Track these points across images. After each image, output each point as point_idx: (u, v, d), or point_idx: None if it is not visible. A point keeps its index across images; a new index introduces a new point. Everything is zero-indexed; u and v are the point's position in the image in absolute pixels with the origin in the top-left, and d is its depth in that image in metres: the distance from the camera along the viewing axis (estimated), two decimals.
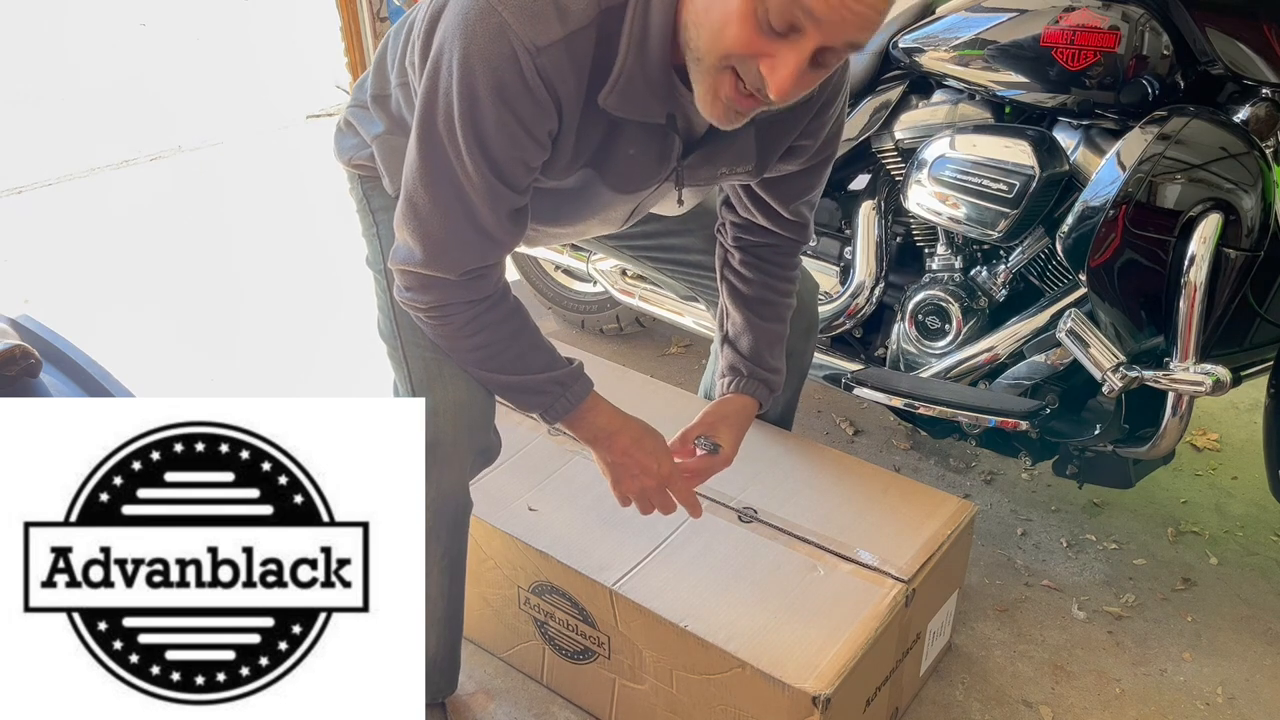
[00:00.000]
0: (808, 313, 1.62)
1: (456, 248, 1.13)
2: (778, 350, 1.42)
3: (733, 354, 1.41)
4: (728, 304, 1.43)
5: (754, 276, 1.40)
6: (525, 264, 2.54)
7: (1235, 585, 1.79)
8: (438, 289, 1.16)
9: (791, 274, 1.43)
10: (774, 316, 1.41)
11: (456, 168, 1.07)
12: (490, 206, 1.10)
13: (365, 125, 1.33)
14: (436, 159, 1.08)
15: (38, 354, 0.99)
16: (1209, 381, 1.46)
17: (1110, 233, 1.49)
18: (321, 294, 2.82)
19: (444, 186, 1.09)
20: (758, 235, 1.40)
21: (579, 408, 1.26)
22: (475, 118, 1.03)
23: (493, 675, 1.60)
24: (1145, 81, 1.52)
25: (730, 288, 1.42)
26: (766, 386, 1.40)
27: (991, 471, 2.07)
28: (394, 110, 1.27)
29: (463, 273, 1.14)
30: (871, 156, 1.89)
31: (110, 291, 2.84)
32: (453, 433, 1.27)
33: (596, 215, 1.30)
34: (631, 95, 1.06)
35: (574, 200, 1.24)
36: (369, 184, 1.37)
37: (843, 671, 1.24)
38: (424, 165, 1.09)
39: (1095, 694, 1.59)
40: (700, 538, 1.46)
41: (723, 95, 1.00)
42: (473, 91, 1.02)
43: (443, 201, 1.10)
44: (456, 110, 1.03)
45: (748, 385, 1.39)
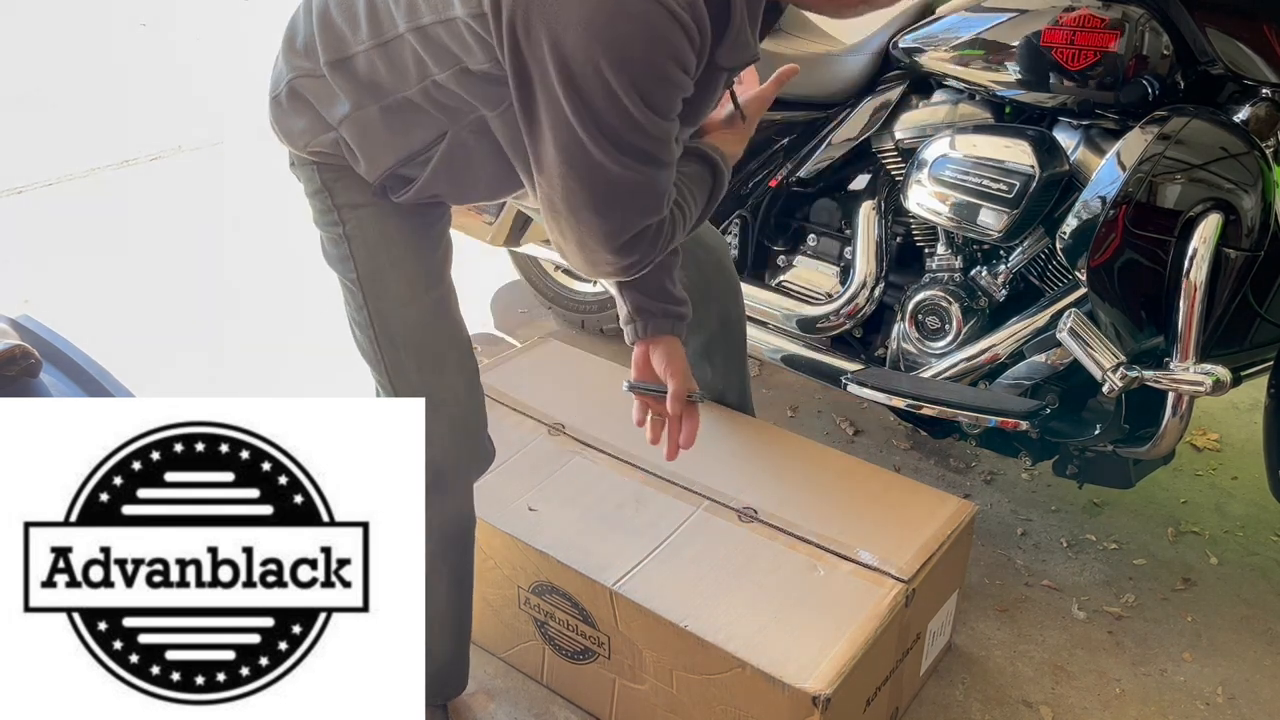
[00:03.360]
0: (730, 278, 1.60)
1: (656, 191, 1.07)
2: (676, 276, 1.33)
3: (638, 295, 1.30)
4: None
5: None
6: (525, 264, 2.54)
7: (1235, 585, 1.79)
8: (645, 238, 1.10)
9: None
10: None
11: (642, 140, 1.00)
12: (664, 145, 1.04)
13: (324, 103, 1.13)
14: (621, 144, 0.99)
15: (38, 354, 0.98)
16: (1209, 381, 1.46)
17: (1110, 233, 1.49)
18: (321, 294, 2.81)
19: (638, 158, 1.01)
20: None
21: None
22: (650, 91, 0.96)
23: (493, 675, 1.60)
24: (1145, 81, 1.52)
25: None
26: (680, 320, 1.32)
27: (991, 471, 2.07)
28: (363, 75, 1.10)
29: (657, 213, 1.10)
30: (871, 156, 1.89)
31: (110, 291, 2.84)
32: (453, 458, 1.23)
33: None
34: (740, 42, 1.03)
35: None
36: (330, 173, 1.19)
37: (843, 671, 1.24)
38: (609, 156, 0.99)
39: (1095, 694, 1.59)
40: (700, 538, 1.46)
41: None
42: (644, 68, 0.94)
43: (631, 165, 1.02)
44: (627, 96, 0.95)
45: (664, 324, 1.31)
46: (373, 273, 1.21)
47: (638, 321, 1.32)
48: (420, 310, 1.23)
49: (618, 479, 1.58)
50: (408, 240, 1.22)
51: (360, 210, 1.19)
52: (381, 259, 1.21)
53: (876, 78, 1.84)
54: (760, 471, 1.57)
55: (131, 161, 3.82)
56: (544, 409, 1.73)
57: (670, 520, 1.49)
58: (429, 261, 1.24)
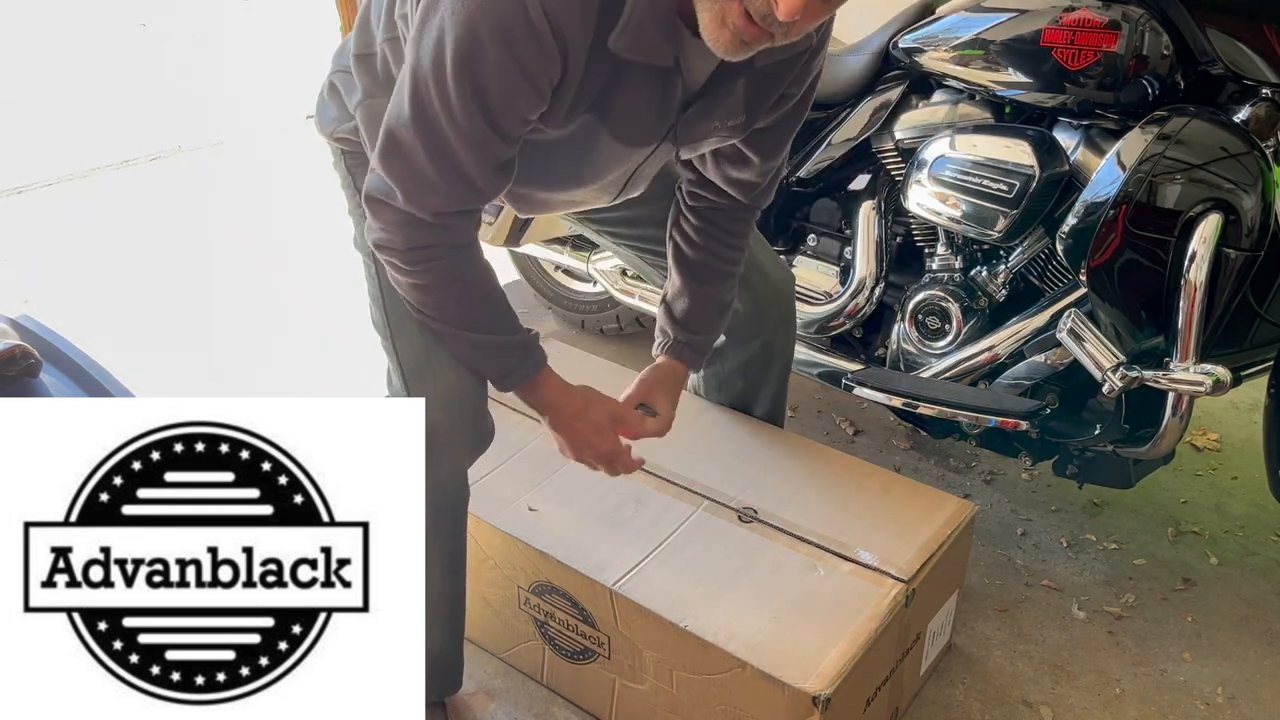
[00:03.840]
0: (784, 302, 1.61)
1: (435, 190, 1.09)
2: (711, 317, 1.42)
3: (666, 317, 1.42)
4: (671, 264, 1.42)
5: (701, 241, 1.38)
6: (525, 264, 2.54)
7: (1235, 585, 1.79)
8: (411, 229, 1.12)
9: (739, 242, 1.41)
10: (712, 279, 1.40)
11: (443, 114, 1.03)
12: (477, 155, 1.07)
13: (348, 92, 1.27)
14: (425, 100, 1.04)
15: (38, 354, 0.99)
16: (1209, 381, 1.46)
17: (1110, 233, 1.49)
18: (321, 294, 2.82)
19: (430, 129, 1.05)
20: (715, 196, 1.37)
21: (537, 375, 1.26)
22: (472, 61, 0.99)
23: (493, 675, 1.60)
24: (1145, 81, 1.52)
25: (675, 247, 1.41)
26: (694, 350, 1.41)
27: (991, 471, 2.07)
28: (379, 70, 1.22)
29: (436, 214, 1.11)
30: (871, 156, 1.89)
31: (110, 291, 2.84)
32: (447, 420, 1.26)
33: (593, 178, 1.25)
34: (641, 36, 1.03)
35: (572, 156, 1.20)
36: (354, 159, 1.31)
37: (843, 671, 1.24)
38: (412, 105, 1.05)
39: (1095, 694, 1.59)
40: (700, 538, 1.46)
41: (730, 22, 0.98)
42: (473, 33, 0.98)
43: (427, 143, 1.06)
44: (451, 52, 0.99)
45: (674, 349, 1.41)
46: None
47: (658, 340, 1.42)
48: None
49: (618, 479, 1.57)
50: None
51: None
52: None
53: (876, 78, 1.84)
54: (760, 471, 1.57)
55: (131, 161, 3.82)
56: None
57: (670, 520, 1.49)
58: None
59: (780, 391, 1.70)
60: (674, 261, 1.41)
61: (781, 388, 1.70)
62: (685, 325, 1.40)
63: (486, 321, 1.22)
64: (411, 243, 1.14)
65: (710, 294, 1.40)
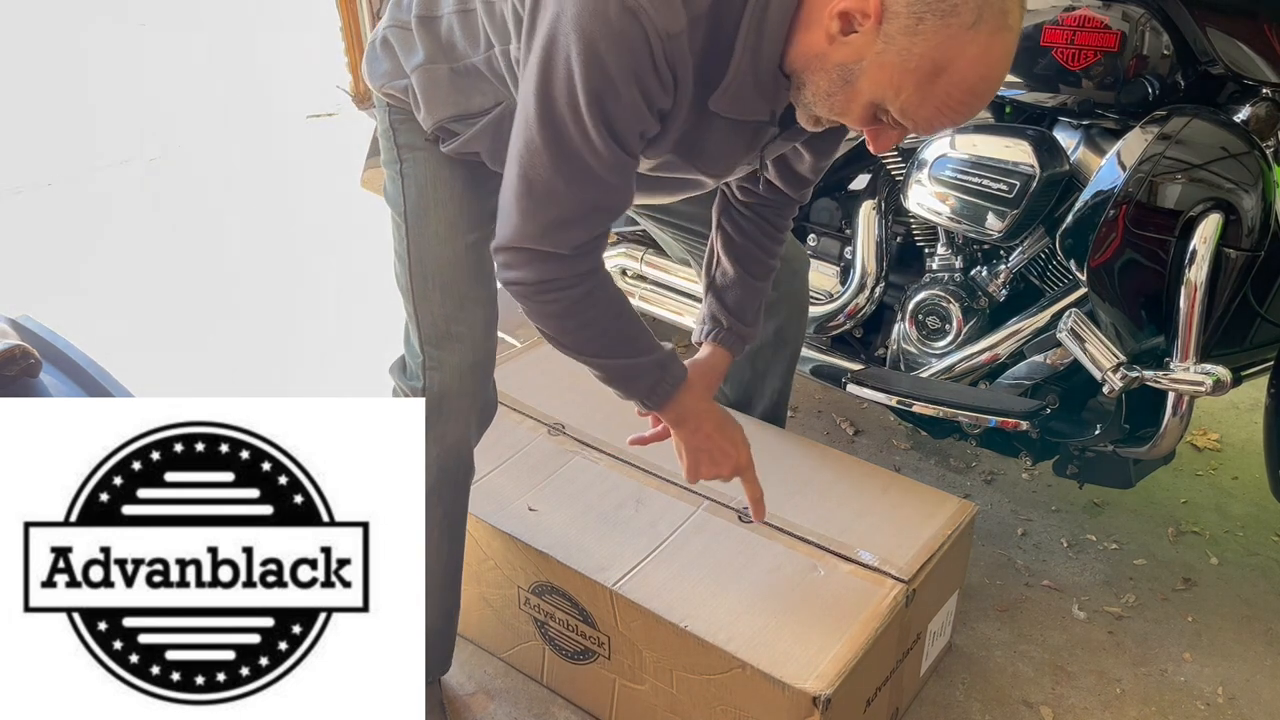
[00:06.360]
0: (800, 296, 1.64)
1: (577, 222, 1.11)
2: (758, 309, 1.43)
3: (716, 304, 1.41)
4: (721, 253, 1.42)
5: (750, 229, 1.40)
6: None
7: (1236, 585, 1.79)
8: (548, 264, 1.13)
9: (782, 234, 1.44)
10: (762, 274, 1.42)
11: (583, 147, 1.05)
12: (620, 177, 1.10)
13: (405, 52, 1.26)
14: (562, 139, 1.05)
15: (38, 354, 0.99)
16: (1209, 381, 1.46)
17: (1110, 232, 1.49)
18: (321, 294, 2.82)
19: (572, 164, 1.06)
20: (766, 191, 1.39)
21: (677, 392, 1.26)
22: (603, 98, 1.02)
23: (493, 675, 1.60)
24: (1145, 81, 1.52)
25: (725, 236, 1.42)
26: (741, 341, 1.41)
27: (991, 471, 2.07)
28: (443, 35, 1.22)
29: (575, 246, 1.12)
30: (872, 156, 1.89)
31: (110, 291, 2.84)
32: (458, 386, 1.30)
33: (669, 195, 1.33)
34: (742, 98, 1.08)
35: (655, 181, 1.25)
36: (398, 115, 1.31)
37: (843, 672, 1.24)
38: (548, 147, 1.06)
39: (1096, 694, 1.59)
40: (700, 538, 1.46)
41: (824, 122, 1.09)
42: (604, 73, 1.00)
43: (571, 179, 1.07)
44: (583, 91, 1.01)
45: (726, 338, 1.40)
46: (418, 209, 1.31)
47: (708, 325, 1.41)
48: (454, 250, 1.31)
49: (618, 479, 1.58)
50: (454, 186, 1.30)
51: (417, 153, 1.30)
52: (428, 198, 1.31)
53: None
54: (760, 471, 1.57)
55: (131, 161, 3.82)
56: (544, 409, 1.73)
57: (670, 520, 1.49)
58: (471, 209, 1.31)
59: (785, 386, 1.71)
60: (723, 250, 1.42)
61: (787, 381, 1.71)
62: (738, 315, 1.40)
63: (621, 345, 1.22)
64: (544, 275, 1.14)
65: (760, 289, 1.42)
